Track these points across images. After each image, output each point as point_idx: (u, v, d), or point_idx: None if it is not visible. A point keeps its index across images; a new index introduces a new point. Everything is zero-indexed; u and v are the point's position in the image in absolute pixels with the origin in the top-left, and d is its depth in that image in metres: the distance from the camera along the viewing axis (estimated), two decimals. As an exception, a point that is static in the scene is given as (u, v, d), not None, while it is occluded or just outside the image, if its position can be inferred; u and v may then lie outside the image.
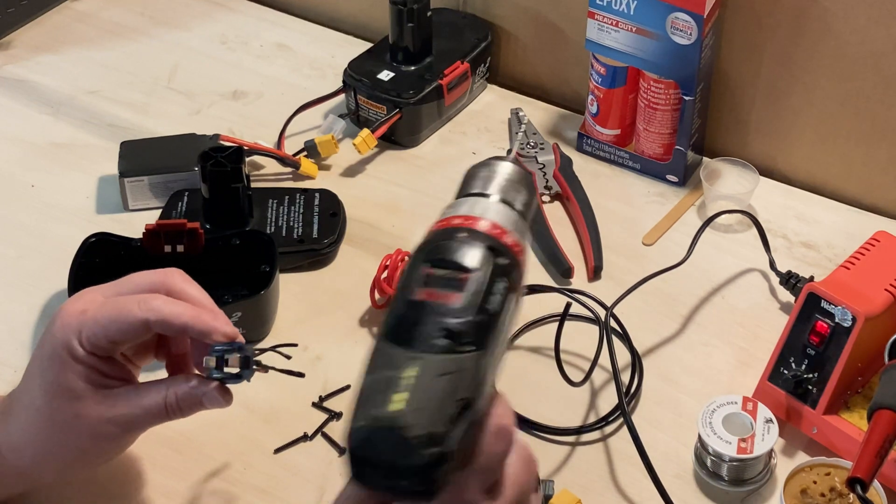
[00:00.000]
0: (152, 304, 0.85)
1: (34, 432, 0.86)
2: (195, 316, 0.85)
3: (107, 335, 0.84)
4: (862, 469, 0.86)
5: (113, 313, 0.84)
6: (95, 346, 0.84)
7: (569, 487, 0.97)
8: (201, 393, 0.86)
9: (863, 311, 0.97)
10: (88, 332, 0.84)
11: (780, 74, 1.24)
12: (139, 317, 0.84)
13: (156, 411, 0.86)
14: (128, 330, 0.84)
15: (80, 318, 0.85)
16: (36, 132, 1.35)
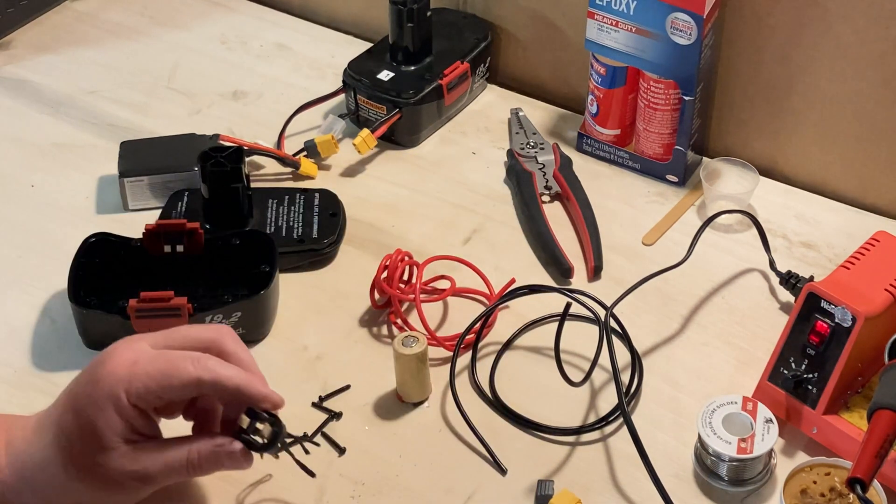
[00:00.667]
0: (207, 364, 0.84)
1: (51, 469, 0.85)
2: (248, 381, 0.85)
3: (158, 391, 0.83)
4: (862, 469, 0.86)
5: (166, 369, 0.83)
6: (141, 400, 0.83)
7: (569, 487, 0.97)
8: (224, 452, 0.86)
9: (863, 311, 0.97)
10: (139, 386, 0.83)
11: (780, 74, 1.24)
12: (193, 375, 0.83)
13: (177, 468, 0.86)
14: (179, 388, 0.83)
15: (131, 370, 0.83)
16: (36, 132, 1.35)
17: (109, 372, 0.83)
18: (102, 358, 0.85)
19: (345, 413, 1.05)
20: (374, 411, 1.05)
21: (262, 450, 0.88)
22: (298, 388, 1.07)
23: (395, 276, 1.11)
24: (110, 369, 0.83)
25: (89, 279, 1.10)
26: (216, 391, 0.84)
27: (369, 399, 1.06)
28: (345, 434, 1.03)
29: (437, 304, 1.14)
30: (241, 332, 1.09)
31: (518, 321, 1.13)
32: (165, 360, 0.84)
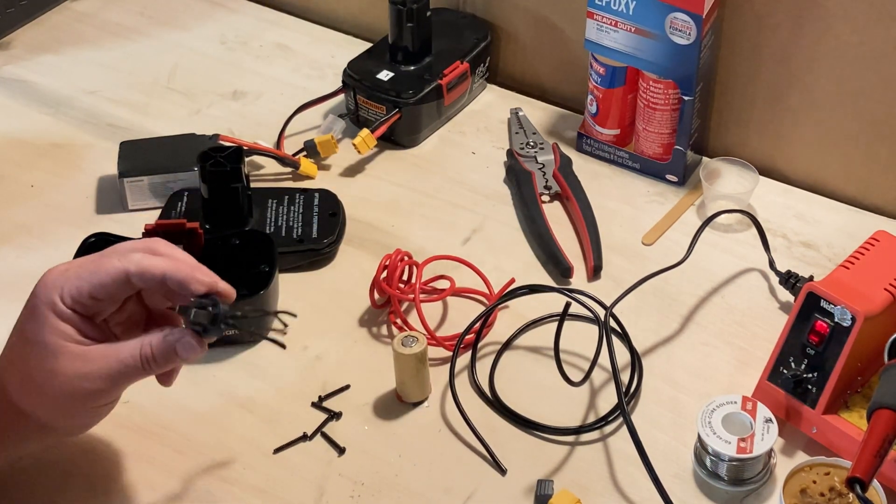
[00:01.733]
0: (132, 256, 0.85)
1: (20, 387, 0.87)
2: (174, 266, 0.86)
3: (89, 289, 0.85)
4: (861, 469, 0.86)
5: (93, 267, 0.85)
6: (76, 302, 0.85)
7: (568, 487, 0.97)
8: (175, 340, 0.86)
9: (862, 310, 0.97)
10: (70, 287, 0.85)
11: (780, 74, 1.24)
12: (119, 267, 0.85)
13: (132, 364, 0.86)
14: (108, 283, 0.85)
15: (63, 276, 0.85)
16: (36, 132, 1.35)
17: (42, 283, 0.86)
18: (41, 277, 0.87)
19: (344, 413, 1.05)
20: (373, 411, 1.05)
21: (205, 333, 0.87)
22: (298, 388, 1.07)
23: (394, 276, 1.11)
24: (43, 280, 0.86)
25: (89, 279, 1.09)
26: (145, 282, 0.85)
27: (369, 399, 1.06)
28: (344, 434, 1.03)
29: (437, 304, 1.14)
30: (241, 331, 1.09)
31: (518, 321, 1.13)
32: (93, 261, 0.86)
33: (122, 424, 1.04)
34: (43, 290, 0.85)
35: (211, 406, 1.06)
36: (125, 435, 1.03)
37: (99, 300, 0.86)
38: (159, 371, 0.87)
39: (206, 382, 1.08)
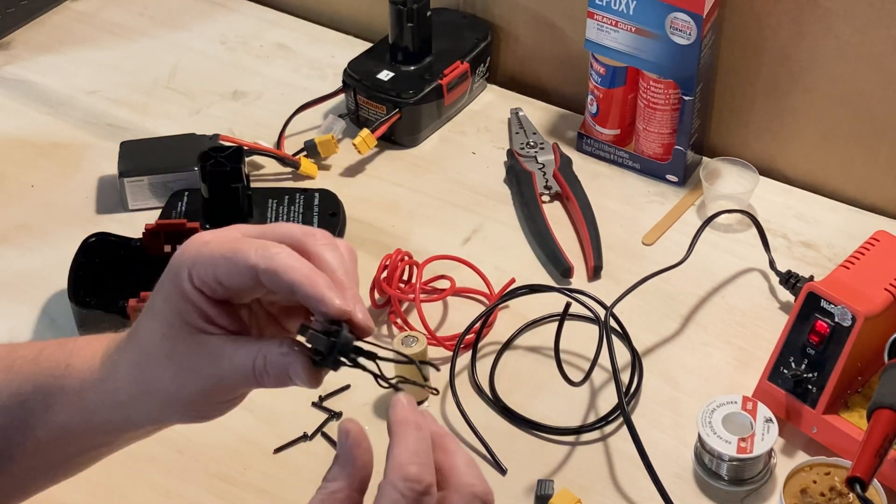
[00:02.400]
0: (269, 251, 0.72)
1: (132, 364, 0.77)
2: (308, 276, 0.71)
3: (215, 274, 0.73)
4: (861, 468, 0.86)
5: (228, 253, 0.73)
6: (203, 284, 0.74)
7: (569, 487, 0.97)
8: (288, 363, 0.72)
9: (862, 310, 0.97)
10: (199, 268, 0.73)
11: (780, 74, 1.24)
12: (250, 262, 0.72)
13: (245, 373, 0.74)
14: (235, 273, 0.73)
15: (199, 250, 0.74)
16: (36, 132, 1.35)
17: (180, 252, 0.75)
18: (188, 240, 0.76)
19: (344, 413, 1.05)
20: (374, 411, 1.05)
21: (320, 363, 0.72)
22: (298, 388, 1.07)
23: (394, 276, 1.11)
24: (182, 249, 0.75)
25: (89, 279, 1.10)
26: (273, 283, 0.72)
27: (369, 399, 1.06)
28: (345, 434, 1.03)
29: (437, 304, 1.14)
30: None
31: (518, 321, 1.13)
32: (233, 245, 0.73)
33: (123, 424, 1.04)
34: (177, 260, 0.74)
35: (211, 406, 1.06)
36: (125, 435, 1.03)
37: (225, 287, 0.74)
38: (272, 387, 0.75)
39: (206, 382, 1.08)
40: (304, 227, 0.77)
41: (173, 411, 0.78)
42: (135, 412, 0.79)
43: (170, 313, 0.74)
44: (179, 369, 0.75)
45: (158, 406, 0.77)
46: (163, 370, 0.75)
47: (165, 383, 0.75)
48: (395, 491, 0.63)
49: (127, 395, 0.78)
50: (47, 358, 0.81)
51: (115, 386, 0.78)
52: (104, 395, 0.78)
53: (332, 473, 0.68)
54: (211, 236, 0.74)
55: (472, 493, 0.66)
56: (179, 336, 0.74)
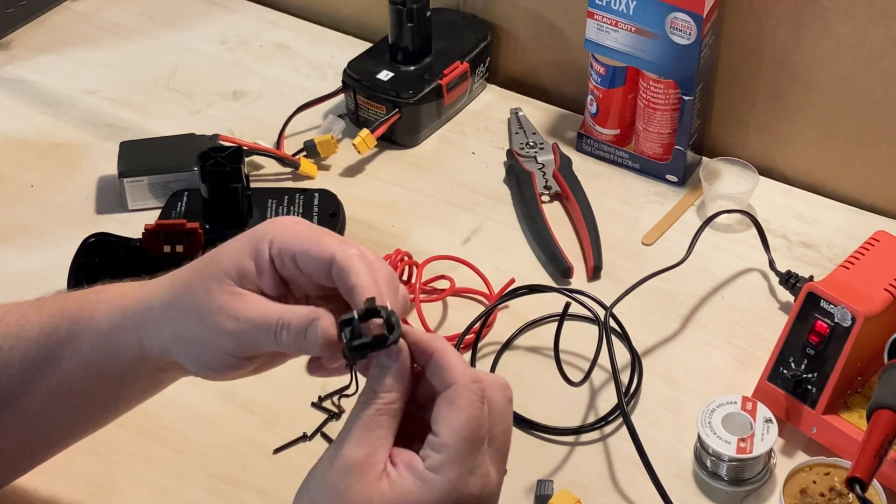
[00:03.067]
0: (349, 249, 0.76)
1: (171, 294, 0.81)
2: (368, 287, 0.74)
3: (293, 252, 0.77)
4: (861, 469, 0.86)
5: (317, 237, 0.77)
6: (278, 255, 0.77)
7: (568, 487, 0.97)
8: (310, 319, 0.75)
9: (862, 310, 0.97)
10: (283, 239, 0.77)
11: (779, 74, 1.24)
12: (331, 251, 0.75)
13: (268, 323, 0.76)
14: (315, 258, 0.76)
15: (287, 226, 0.78)
16: (36, 132, 1.35)
17: (270, 223, 0.79)
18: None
19: (345, 413, 1.05)
20: (373, 411, 1.05)
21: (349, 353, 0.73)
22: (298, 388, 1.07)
23: (394, 276, 1.11)
24: (272, 221, 0.79)
25: (89, 279, 1.09)
26: (339, 279, 0.75)
27: (369, 399, 1.06)
28: (344, 434, 1.03)
29: (437, 304, 1.14)
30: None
31: (518, 321, 1.13)
32: (321, 232, 0.78)
33: (122, 424, 1.04)
34: (265, 227, 0.78)
35: (211, 406, 1.06)
36: (125, 435, 1.03)
37: (299, 269, 0.77)
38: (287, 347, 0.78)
39: (205, 382, 1.07)
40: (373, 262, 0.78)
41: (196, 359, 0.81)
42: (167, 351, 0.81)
43: (232, 258, 0.78)
44: (212, 312, 0.78)
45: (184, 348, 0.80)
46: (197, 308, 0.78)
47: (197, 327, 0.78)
48: (469, 392, 0.70)
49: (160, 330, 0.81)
50: (76, 295, 0.85)
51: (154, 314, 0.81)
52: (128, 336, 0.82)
53: (387, 385, 0.72)
54: (296, 221, 0.79)
55: (501, 385, 0.73)
56: (228, 280, 0.78)
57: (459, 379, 0.70)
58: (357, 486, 0.70)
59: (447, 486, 0.69)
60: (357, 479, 0.70)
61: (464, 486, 0.69)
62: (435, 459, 0.69)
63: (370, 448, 0.71)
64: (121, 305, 0.83)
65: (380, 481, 0.70)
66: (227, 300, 0.78)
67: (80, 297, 0.86)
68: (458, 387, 0.70)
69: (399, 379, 0.72)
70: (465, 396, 0.70)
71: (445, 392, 0.70)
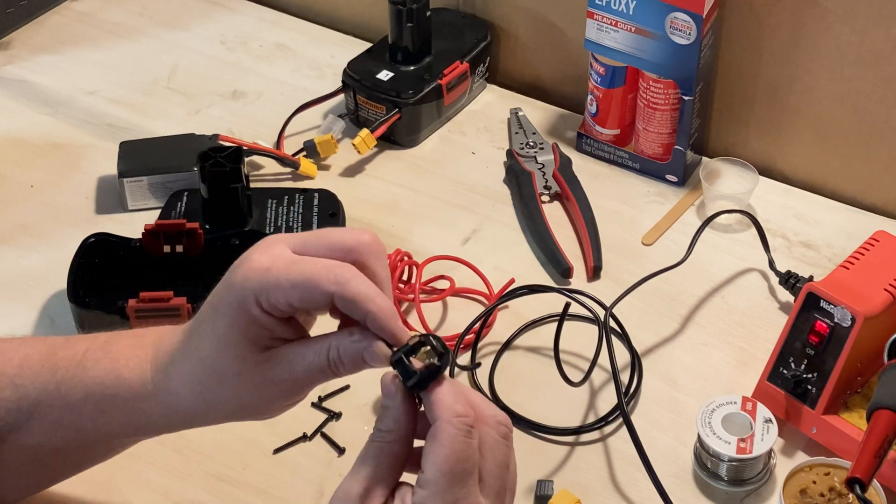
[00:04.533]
0: (343, 276, 0.75)
1: (195, 381, 0.80)
2: (383, 310, 0.75)
3: (288, 300, 0.76)
4: (861, 469, 0.86)
5: (299, 280, 0.75)
6: (273, 308, 0.77)
7: (568, 487, 0.97)
8: (363, 348, 0.76)
9: (862, 310, 0.97)
10: (269, 295, 0.76)
11: (780, 74, 1.24)
12: (326, 290, 0.75)
13: (320, 368, 0.78)
14: (311, 299, 0.76)
15: (264, 277, 0.76)
16: (36, 132, 1.35)
17: (242, 278, 0.77)
18: (238, 262, 0.79)
19: (344, 413, 1.05)
20: (373, 411, 1.05)
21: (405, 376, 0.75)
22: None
23: (394, 276, 1.11)
24: (243, 276, 0.77)
25: (89, 279, 1.10)
26: (348, 308, 0.76)
27: (369, 399, 1.06)
28: (344, 434, 1.03)
29: (437, 304, 1.14)
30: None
31: (517, 321, 1.13)
32: (299, 269, 0.76)
33: (122, 424, 1.04)
34: (239, 287, 0.77)
35: (211, 406, 1.06)
36: (125, 435, 1.03)
37: (297, 310, 0.78)
38: (347, 374, 0.79)
39: (205, 382, 1.08)
40: (353, 235, 0.79)
41: (239, 417, 0.82)
42: (198, 420, 0.82)
43: (236, 337, 0.78)
44: (253, 385, 0.78)
45: (224, 415, 0.81)
46: (233, 387, 0.79)
47: (240, 398, 0.79)
48: (451, 427, 0.70)
49: (189, 407, 0.81)
50: (94, 365, 0.83)
51: (176, 400, 0.81)
52: (162, 406, 0.81)
53: (387, 424, 0.74)
54: (268, 260, 0.77)
55: (497, 421, 0.74)
56: (248, 355, 0.78)
57: (442, 415, 0.71)
58: None
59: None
60: None
61: None
62: (419, 495, 0.71)
63: (369, 483, 0.73)
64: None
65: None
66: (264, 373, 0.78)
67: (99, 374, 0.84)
68: (440, 422, 0.71)
69: (399, 419, 0.73)
70: (445, 431, 0.71)
71: (431, 428, 0.72)
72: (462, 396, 0.73)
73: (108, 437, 0.85)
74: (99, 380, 0.82)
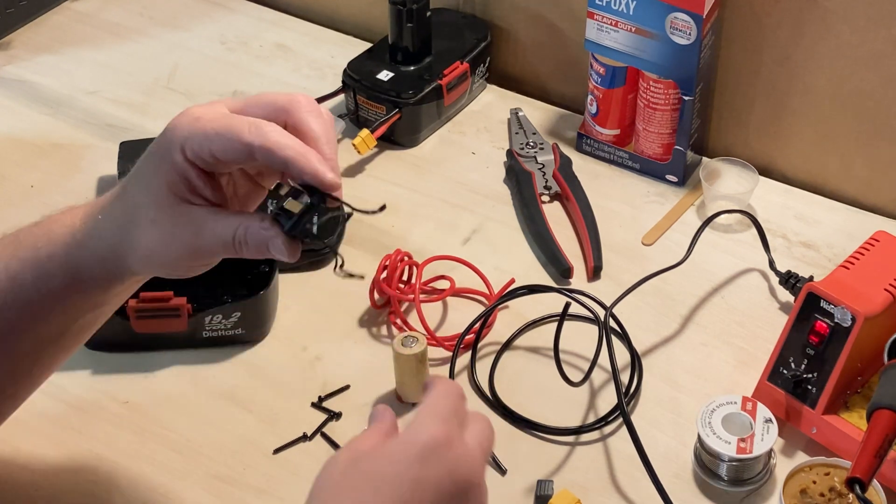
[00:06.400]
0: (263, 129, 0.80)
1: (117, 223, 0.84)
2: (301, 153, 0.80)
3: (210, 148, 0.80)
4: (861, 469, 0.87)
5: (222, 129, 0.80)
6: (196, 157, 0.81)
7: (568, 487, 0.97)
8: (269, 237, 0.80)
9: (862, 310, 0.97)
10: (193, 142, 0.80)
11: (780, 74, 1.24)
12: (245, 140, 0.79)
13: (224, 242, 0.81)
14: (230, 149, 0.80)
15: (192, 126, 0.81)
16: (36, 132, 1.35)
17: (173, 126, 0.82)
18: (178, 114, 0.83)
19: (344, 413, 1.05)
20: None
21: (288, 227, 0.80)
22: (298, 388, 1.07)
23: (394, 277, 1.11)
24: (174, 123, 0.82)
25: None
26: (268, 159, 0.80)
27: (369, 399, 1.06)
28: (344, 434, 1.03)
29: (437, 304, 1.14)
30: (240, 332, 1.09)
31: (517, 321, 1.13)
32: (226, 122, 0.81)
33: (122, 424, 1.04)
34: (169, 134, 0.81)
35: (211, 406, 1.06)
36: (125, 435, 1.03)
37: (219, 161, 0.81)
38: (249, 257, 0.82)
39: (205, 382, 1.08)
40: (287, 95, 0.84)
41: (152, 268, 0.85)
42: (116, 266, 0.85)
43: (158, 182, 0.81)
44: (162, 234, 0.82)
45: (138, 262, 0.84)
46: (146, 233, 0.82)
47: (148, 244, 0.82)
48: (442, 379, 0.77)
49: (110, 250, 0.84)
50: (27, 235, 0.87)
51: (98, 243, 0.84)
52: (87, 251, 0.85)
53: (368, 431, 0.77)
54: (201, 111, 0.82)
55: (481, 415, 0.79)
56: (165, 204, 0.81)
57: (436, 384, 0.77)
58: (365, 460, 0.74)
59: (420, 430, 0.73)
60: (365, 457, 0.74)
61: (435, 430, 0.73)
62: (413, 421, 0.75)
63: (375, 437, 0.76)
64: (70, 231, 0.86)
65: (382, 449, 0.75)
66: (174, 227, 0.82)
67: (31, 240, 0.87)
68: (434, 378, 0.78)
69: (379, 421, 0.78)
70: (438, 381, 0.77)
71: None
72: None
73: (53, 304, 0.86)
74: (31, 244, 0.86)
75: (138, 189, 0.83)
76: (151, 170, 0.82)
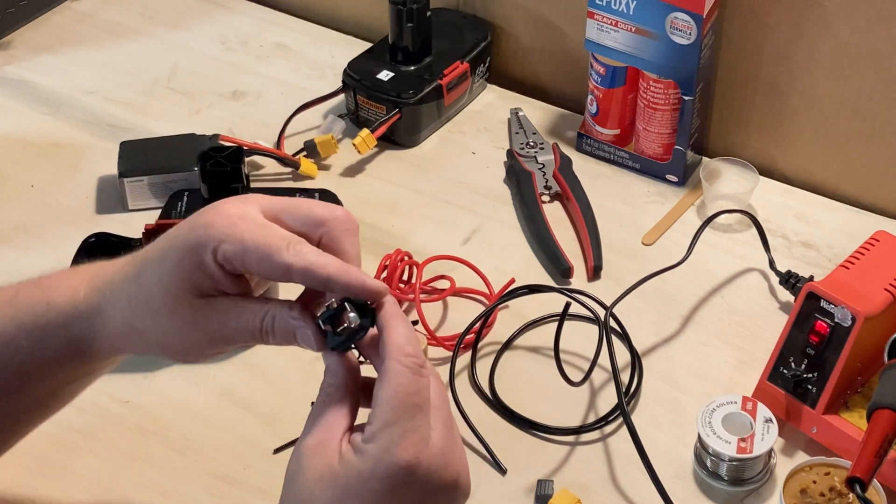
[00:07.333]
0: (301, 249, 0.76)
1: (127, 306, 0.80)
2: (344, 270, 0.76)
3: (245, 259, 0.76)
4: (861, 468, 0.87)
5: (260, 243, 0.76)
6: (226, 262, 0.77)
7: (568, 487, 0.97)
8: (298, 326, 0.77)
9: (862, 310, 0.97)
10: (227, 249, 0.76)
11: (780, 74, 1.24)
12: (285, 261, 0.75)
13: (251, 331, 0.78)
14: (266, 266, 0.76)
15: (229, 231, 0.77)
16: (36, 132, 1.35)
17: (207, 223, 0.77)
18: (210, 207, 0.79)
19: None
20: (373, 411, 1.05)
21: (334, 344, 0.78)
22: (298, 388, 1.07)
23: (394, 276, 1.11)
24: (208, 221, 0.77)
25: (89, 279, 1.09)
26: (306, 280, 0.77)
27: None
28: (344, 434, 1.03)
29: (437, 304, 1.14)
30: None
31: (518, 321, 1.13)
32: (262, 234, 0.76)
33: (122, 424, 1.04)
34: (202, 231, 0.77)
35: (211, 406, 1.06)
36: (125, 435, 1.03)
37: (250, 272, 0.78)
38: (276, 345, 0.79)
39: (206, 382, 1.08)
40: (326, 208, 0.81)
41: (165, 353, 0.81)
42: (122, 344, 0.81)
43: (181, 276, 0.77)
44: (182, 323, 0.78)
45: (149, 346, 0.81)
46: (162, 322, 0.78)
47: (164, 332, 0.79)
48: (400, 365, 0.73)
49: (118, 331, 0.80)
50: (25, 298, 0.84)
51: (105, 321, 0.81)
52: (89, 325, 0.81)
53: (326, 380, 0.77)
54: (235, 212, 0.77)
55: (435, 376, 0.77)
56: (186, 298, 0.78)
57: (391, 354, 0.74)
58: (312, 468, 0.74)
59: (378, 451, 0.71)
60: (311, 463, 0.74)
61: (395, 449, 0.71)
62: (367, 431, 0.72)
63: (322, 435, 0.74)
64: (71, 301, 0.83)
65: (333, 461, 0.73)
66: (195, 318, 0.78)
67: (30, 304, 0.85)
68: (389, 361, 0.73)
69: (336, 372, 0.77)
70: (392, 369, 0.73)
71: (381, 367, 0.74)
72: (414, 338, 0.75)
73: (47, 370, 0.84)
74: (30, 310, 0.83)
75: (156, 276, 0.78)
76: (174, 261, 0.78)
